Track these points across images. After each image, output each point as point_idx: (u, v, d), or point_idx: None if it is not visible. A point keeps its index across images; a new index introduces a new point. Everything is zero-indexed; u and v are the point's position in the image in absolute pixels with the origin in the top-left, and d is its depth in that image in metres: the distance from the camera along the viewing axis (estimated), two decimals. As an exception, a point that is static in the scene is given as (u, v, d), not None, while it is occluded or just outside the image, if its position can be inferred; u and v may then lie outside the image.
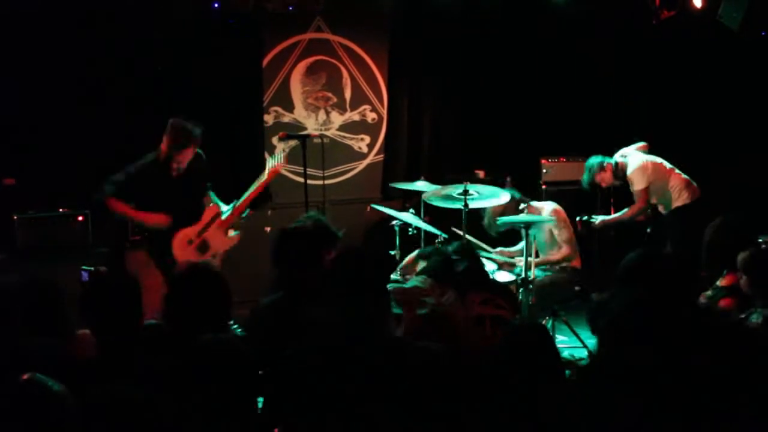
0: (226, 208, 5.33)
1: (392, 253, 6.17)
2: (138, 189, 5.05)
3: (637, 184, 6.35)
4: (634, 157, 6.45)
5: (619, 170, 6.47)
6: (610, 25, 7.76)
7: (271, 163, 5.38)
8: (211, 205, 5.29)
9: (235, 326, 3.54)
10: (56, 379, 2.28)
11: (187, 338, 2.87)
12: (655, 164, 6.43)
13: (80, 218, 5.81)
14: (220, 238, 5.27)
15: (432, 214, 6.36)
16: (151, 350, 2.99)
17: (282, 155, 5.48)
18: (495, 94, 7.93)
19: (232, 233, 5.35)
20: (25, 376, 2.22)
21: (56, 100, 6.16)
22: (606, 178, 6.51)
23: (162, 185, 5.06)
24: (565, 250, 6.02)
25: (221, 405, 2.54)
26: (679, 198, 6.43)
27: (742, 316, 3.53)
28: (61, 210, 5.82)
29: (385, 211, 6.20)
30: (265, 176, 5.33)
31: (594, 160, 6.54)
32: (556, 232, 6.02)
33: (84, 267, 5.51)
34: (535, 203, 6.14)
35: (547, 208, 6.06)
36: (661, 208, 6.59)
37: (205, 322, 3.00)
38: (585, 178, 6.59)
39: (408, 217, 5.97)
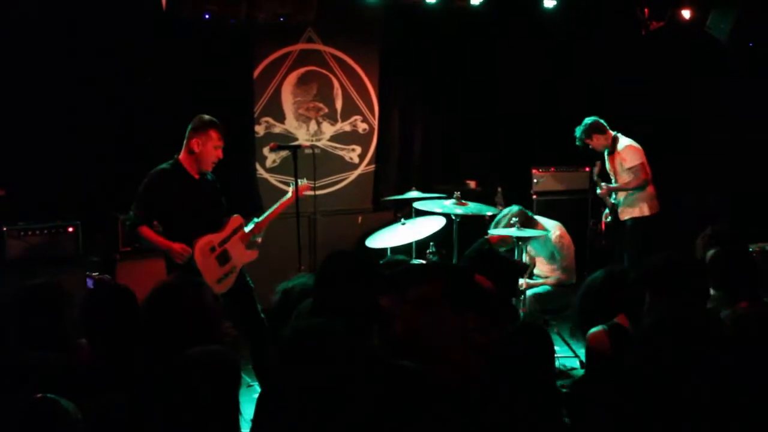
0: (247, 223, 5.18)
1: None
2: (160, 198, 4.84)
3: (632, 161, 6.59)
4: (626, 139, 6.68)
5: (614, 142, 6.67)
6: (601, 35, 7.80)
7: (293, 186, 5.32)
8: (234, 215, 5.06)
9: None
10: (54, 391, 2.26)
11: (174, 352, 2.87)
12: (643, 155, 6.65)
13: (71, 229, 5.77)
14: (241, 251, 5.03)
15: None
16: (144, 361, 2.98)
17: (305, 180, 5.47)
18: (486, 104, 7.96)
19: (250, 250, 5.11)
20: (38, 395, 2.19)
21: (46, 110, 6.13)
22: (601, 143, 6.70)
23: (184, 190, 4.89)
24: (562, 276, 5.99)
25: (209, 416, 2.52)
26: (645, 207, 6.59)
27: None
28: (51, 221, 5.78)
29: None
30: (289, 195, 5.29)
31: (596, 120, 6.69)
32: (557, 255, 6.01)
33: (88, 273, 5.45)
34: (540, 219, 6.10)
35: (552, 229, 6.00)
36: (621, 212, 6.72)
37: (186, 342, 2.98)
38: (579, 133, 6.72)
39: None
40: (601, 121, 6.75)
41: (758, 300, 3.44)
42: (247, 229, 5.08)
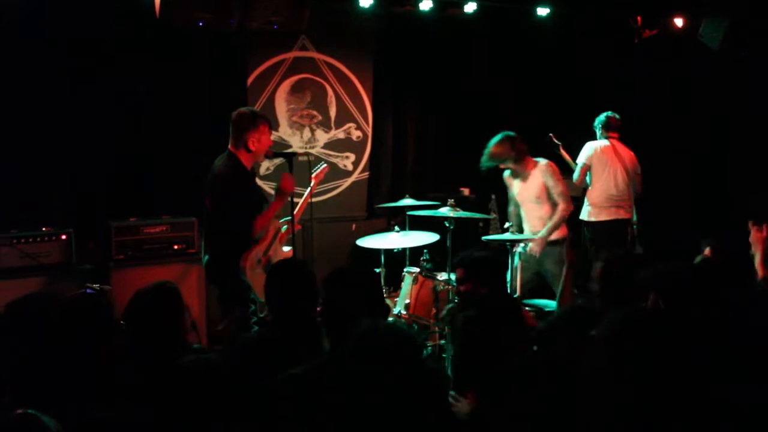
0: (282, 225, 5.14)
1: (377, 270, 6.17)
2: (241, 197, 4.69)
3: (579, 158, 6.77)
4: (600, 141, 6.77)
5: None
6: (594, 42, 7.83)
7: (314, 171, 5.36)
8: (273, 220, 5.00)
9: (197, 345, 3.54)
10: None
11: (165, 358, 2.87)
12: (603, 151, 6.65)
13: (64, 237, 5.76)
14: (281, 254, 4.99)
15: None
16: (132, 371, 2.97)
17: (322, 165, 5.50)
18: (479, 111, 7.97)
19: (286, 248, 5.11)
20: (19, 411, 2.15)
21: (39, 117, 6.11)
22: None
23: (248, 187, 4.81)
24: (562, 205, 5.89)
25: (203, 426, 2.51)
26: (604, 212, 6.61)
27: None
28: (44, 229, 5.76)
29: None
30: (312, 183, 5.33)
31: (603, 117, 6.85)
32: (551, 184, 5.92)
33: (88, 285, 5.43)
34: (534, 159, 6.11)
35: (542, 162, 6.03)
36: (584, 212, 6.80)
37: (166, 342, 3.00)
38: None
39: None
40: (596, 121, 6.85)
41: None
42: (284, 230, 5.06)
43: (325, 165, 5.56)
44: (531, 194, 6.01)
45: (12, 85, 6.00)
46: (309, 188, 5.34)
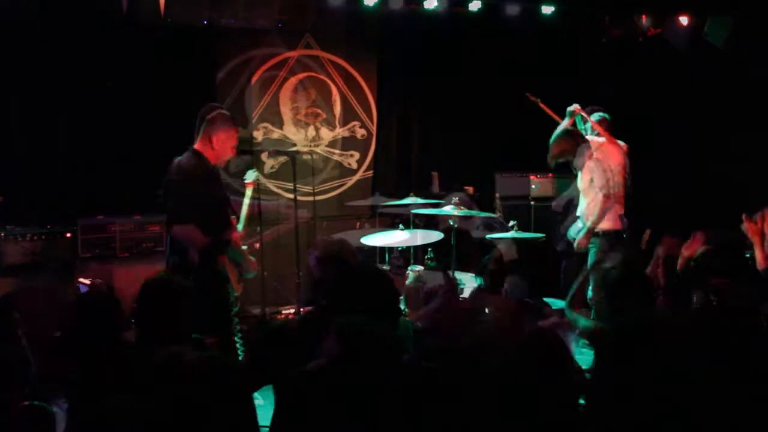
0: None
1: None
2: (200, 195, 4.53)
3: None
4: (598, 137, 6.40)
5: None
6: (598, 41, 7.82)
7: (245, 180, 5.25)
8: (231, 217, 4.90)
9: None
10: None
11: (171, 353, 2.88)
12: (605, 147, 6.25)
13: (68, 235, 5.78)
14: (242, 249, 4.93)
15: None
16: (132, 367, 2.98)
17: (254, 174, 5.33)
18: (484, 110, 7.97)
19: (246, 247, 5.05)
20: (25, 403, 2.17)
21: (44, 117, 6.13)
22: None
23: (216, 188, 4.69)
24: (599, 197, 5.75)
25: (206, 423, 2.52)
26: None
27: None
28: (48, 227, 5.78)
29: None
30: (247, 194, 5.22)
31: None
32: (595, 177, 5.83)
33: (81, 278, 5.44)
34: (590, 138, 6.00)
35: (594, 157, 5.88)
36: None
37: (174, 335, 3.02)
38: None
39: None
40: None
41: None
42: (240, 228, 5.01)
43: (256, 174, 5.36)
44: (581, 185, 5.97)
45: (13, 84, 6.01)
46: (246, 197, 5.19)
